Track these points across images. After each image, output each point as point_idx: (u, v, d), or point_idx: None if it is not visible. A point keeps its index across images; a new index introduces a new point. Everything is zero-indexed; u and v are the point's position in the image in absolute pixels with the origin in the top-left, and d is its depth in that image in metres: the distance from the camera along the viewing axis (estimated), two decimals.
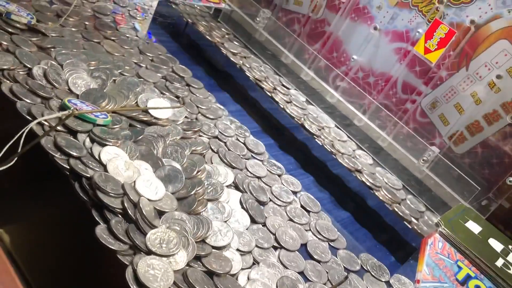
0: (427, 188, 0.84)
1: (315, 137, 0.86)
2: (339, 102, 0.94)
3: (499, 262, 0.67)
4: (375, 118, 0.90)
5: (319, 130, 0.89)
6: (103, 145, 0.62)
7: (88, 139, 0.62)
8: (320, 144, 0.85)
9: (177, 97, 0.82)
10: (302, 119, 0.89)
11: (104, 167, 0.59)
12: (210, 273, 0.55)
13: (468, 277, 0.64)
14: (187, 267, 0.53)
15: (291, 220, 0.71)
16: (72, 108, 0.63)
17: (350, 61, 0.95)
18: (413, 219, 0.78)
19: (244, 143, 0.82)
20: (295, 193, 0.77)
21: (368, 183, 0.80)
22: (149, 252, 0.52)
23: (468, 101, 0.84)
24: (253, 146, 0.82)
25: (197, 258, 0.55)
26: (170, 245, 0.54)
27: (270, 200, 0.72)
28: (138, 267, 0.50)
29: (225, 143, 0.79)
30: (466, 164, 0.83)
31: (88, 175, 0.57)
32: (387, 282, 0.70)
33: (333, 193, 0.83)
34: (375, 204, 0.86)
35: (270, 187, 0.75)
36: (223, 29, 1.08)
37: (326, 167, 0.89)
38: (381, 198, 0.79)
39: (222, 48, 0.97)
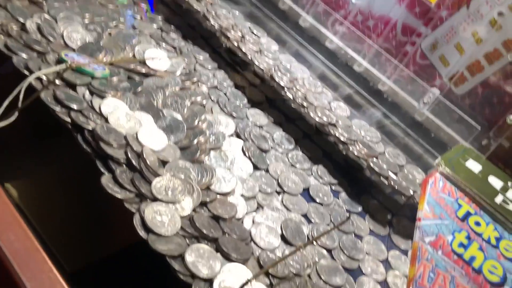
0: (427, 131, 0.84)
1: (286, 89, 0.79)
2: (338, 47, 0.93)
3: (499, 199, 0.68)
4: (375, 62, 0.89)
5: (291, 81, 0.81)
6: (103, 98, 0.62)
7: (87, 92, 0.62)
8: (291, 97, 0.79)
9: (174, 47, 0.81)
10: (272, 69, 0.81)
11: (106, 119, 0.60)
12: (216, 218, 0.56)
13: (468, 214, 0.65)
14: (194, 213, 0.55)
15: (293, 166, 0.72)
16: (69, 62, 0.63)
17: (349, 4, 0.93)
18: (391, 174, 0.73)
19: (244, 93, 0.81)
20: (296, 140, 0.77)
21: (342, 138, 0.74)
22: (155, 199, 0.53)
23: (468, 40, 0.82)
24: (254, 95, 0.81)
25: (203, 204, 0.57)
26: (176, 192, 0.55)
27: (272, 147, 0.73)
28: (145, 214, 0.51)
29: (225, 93, 0.79)
30: (467, 105, 0.83)
31: (90, 128, 0.57)
32: (389, 222, 0.71)
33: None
34: None
35: (272, 135, 0.75)
36: None
37: None
38: (356, 153, 0.73)
39: None
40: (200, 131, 0.66)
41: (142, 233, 0.49)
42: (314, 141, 0.79)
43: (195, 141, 0.64)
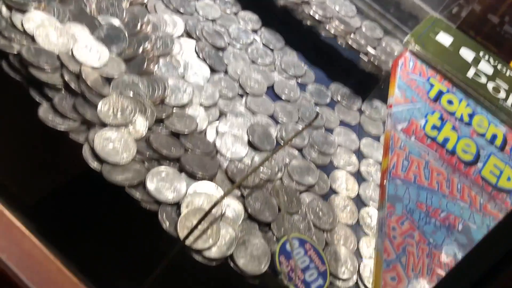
0: (395, 3, 0.78)
1: None
2: None
3: (470, 73, 0.65)
4: None
5: None
6: (24, 12, 0.53)
7: (4, 7, 0.53)
8: None
9: None
10: None
11: (32, 38, 0.52)
12: (176, 135, 0.52)
13: (440, 93, 0.62)
14: (149, 133, 0.50)
15: (254, 62, 0.66)
16: None
17: None
18: (369, 49, 0.70)
19: None
20: (255, 31, 0.70)
21: (317, 17, 0.69)
22: (103, 125, 0.48)
23: None
24: None
25: (158, 121, 0.52)
26: (126, 113, 0.49)
27: (229, 44, 0.66)
28: (94, 143, 0.46)
29: None
30: None
31: (15, 51, 0.49)
32: (359, 110, 0.69)
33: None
34: None
35: (227, 29, 0.68)
36: None
37: None
38: (332, 31, 0.70)
39: None
40: (144, 36, 0.58)
41: (94, 165, 0.45)
42: (276, 27, 0.72)
43: (140, 50, 0.57)
